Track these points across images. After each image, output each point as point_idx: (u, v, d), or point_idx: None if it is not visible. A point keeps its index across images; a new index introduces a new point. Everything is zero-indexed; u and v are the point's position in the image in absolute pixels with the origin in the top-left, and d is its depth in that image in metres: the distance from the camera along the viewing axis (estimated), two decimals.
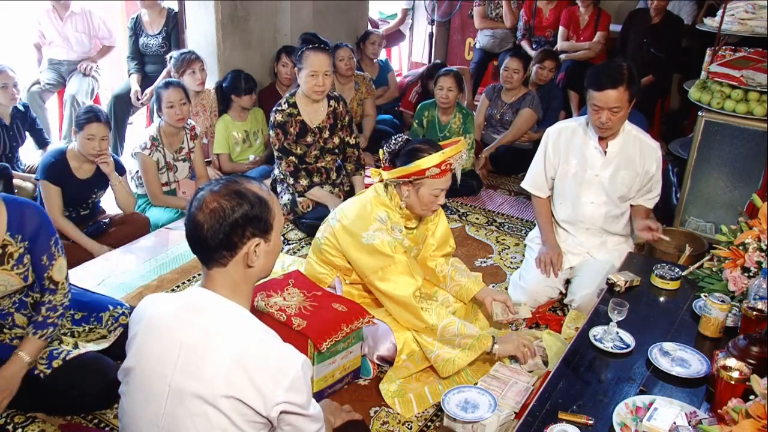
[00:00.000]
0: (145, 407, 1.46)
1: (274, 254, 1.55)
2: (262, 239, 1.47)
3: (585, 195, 2.93)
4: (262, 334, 1.44)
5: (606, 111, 2.68)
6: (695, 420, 1.62)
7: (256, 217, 1.45)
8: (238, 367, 1.37)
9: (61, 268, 2.22)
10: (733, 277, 2.17)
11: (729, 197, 3.51)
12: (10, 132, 3.97)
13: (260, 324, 1.47)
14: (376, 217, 2.49)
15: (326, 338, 2.27)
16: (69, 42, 4.76)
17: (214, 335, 1.41)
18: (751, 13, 3.68)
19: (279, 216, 1.52)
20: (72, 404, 2.26)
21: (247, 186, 1.47)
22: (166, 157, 3.67)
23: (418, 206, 2.48)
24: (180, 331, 1.44)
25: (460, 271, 2.77)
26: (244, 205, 1.43)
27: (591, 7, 5.33)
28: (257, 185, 1.50)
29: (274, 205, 1.50)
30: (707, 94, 3.47)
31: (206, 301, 1.46)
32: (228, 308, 1.45)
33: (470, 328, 2.44)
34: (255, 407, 1.37)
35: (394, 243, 2.45)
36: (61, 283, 2.23)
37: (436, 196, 2.45)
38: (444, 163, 2.37)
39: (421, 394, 2.42)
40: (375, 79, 5.23)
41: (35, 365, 2.19)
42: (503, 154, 4.60)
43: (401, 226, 2.53)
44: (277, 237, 1.53)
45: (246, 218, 1.43)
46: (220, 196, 1.43)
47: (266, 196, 1.48)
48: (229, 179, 1.49)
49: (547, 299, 2.99)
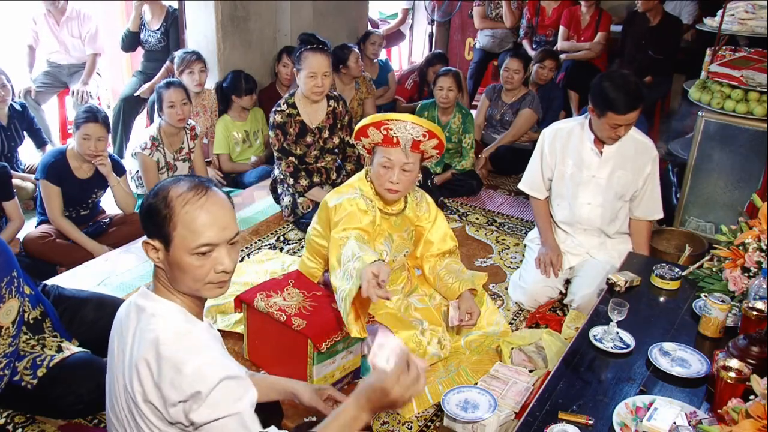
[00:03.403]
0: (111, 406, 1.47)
1: (182, 271, 1.39)
2: (162, 244, 1.39)
3: (582, 196, 2.93)
4: (182, 329, 1.37)
5: (623, 127, 2.73)
6: (695, 420, 1.62)
7: (152, 215, 1.38)
8: (143, 365, 1.33)
9: (9, 311, 1.98)
10: (733, 277, 2.17)
11: (729, 197, 3.50)
12: (8, 132, 3.97)
13: (187, 322, 1.40)
14: (352, 188, 2.48)
15: (326, 338, 2.27)
16: (66, 46, 4.74)
17: (140, 338, 1.37)
18: (751, 13, 3.68)
19: (184, 233, 1.36)
20: (67, 411, 2.20)
21: (173, 186, 1.39)
22: (166, 157, 3.67)
23: (376, 180, 2.44)
24: (121, 335, 1.43)
25: (453, 272, 2.68)
26: (151, 199, 1.39)
27: (593, 7, 5.33)
28: (182, 191, 1.37)
29: (178, 218, 1.36)
30: (707, 94, 3.47)
31: (142, 298, 1.44)
32: (157, 305, 1.41)
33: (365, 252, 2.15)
34: (160, 409, 1.34)
35: (360, 202, 2.41)
36: (5, 328, 1.99)
37: (385, 168, 2.37)
38: (382, 125, 2.32)
39: (420, 393, 2.41)
40: (375, 80, 5.24)
41: (21, 376, 2.12)
42: (503, 154, 4.60)
43: (377, 203, 2.49)
44: (180, 253, 1.37)
45: (145, 212, 1.40)
46: (164, 183, 1.42)
47: (176, 205, 1.36)
48: (184, 176, 1.45)
49: (547, 299, 3.00)
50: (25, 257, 3.19)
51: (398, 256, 2.61)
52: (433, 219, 2.69)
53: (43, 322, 2.27)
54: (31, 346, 2.20)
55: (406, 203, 2.59)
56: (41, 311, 2.27)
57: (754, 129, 3.34)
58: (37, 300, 2.27)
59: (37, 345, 2.22)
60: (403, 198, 2.57)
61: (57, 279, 3.03)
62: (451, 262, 2.74)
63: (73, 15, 4.71)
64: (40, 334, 2.25)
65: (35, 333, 2.24)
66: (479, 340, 2.70)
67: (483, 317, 2.77)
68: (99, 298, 2.59)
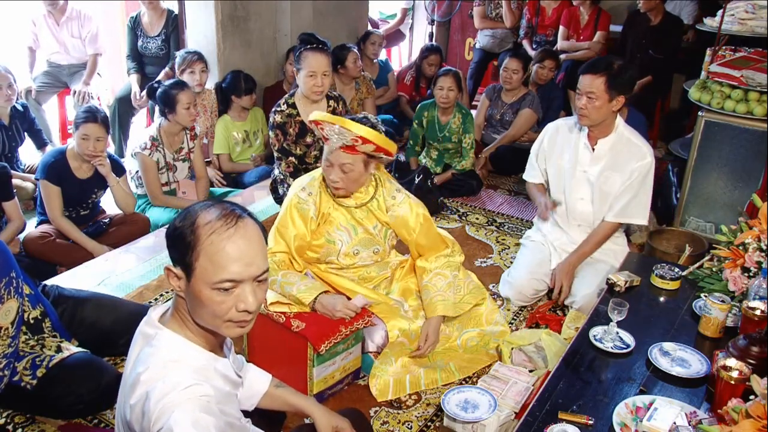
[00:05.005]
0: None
1: (201, 306, 1.29)
2: (184, 273, 1.29)
3: (576, 191, 2.94)
4: (175, 377, 1.26)
5: (584, 96, 2.72)
6: (695, 420, 1.62)
7: (176, 241, 1.29)
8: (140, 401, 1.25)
9: (8, 312, 1.99)
10: (733, 277, 2.17)
11: (729, 197, 3.50)
12: (9, 132, 3.97)
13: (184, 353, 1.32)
14: (300, 186, 2.50)
15: (325, 340, 2.27)
16: (66, 47, 4.73)
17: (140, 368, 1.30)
18: (751, 13, 3.68)
19: (206, 264, 1.26)
20: (67, 411, 2.19)
21: (203, 212, 1.29)
22: (166, 157, 3.67)
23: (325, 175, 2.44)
24: (132, 355, 1.37)
25: (436, 289, 2.56)
26: (179, 223, 1.30)
27: (591, 7, 5.33)
28: (210, 219, 1.27)
29: (202, 249, 1.26)
30: (707, 94, 3.47)
31: (149, 327, 1.36)
32: (161, 336, 1.33)
33: (299, 289, 2.37)
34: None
35: (297, 197, 2.46)
36: (4, 328, 2.00)
37: (327, 166, 2.38)
38: (318, 124, 2.34)
39: (401, 380, 2.44)
40: (375, 80, 5.24)
41: (20, 376, 2.11)
42: (503, 154, 4.60)
43: (325, 198, 2.48)
44: (200, 286, 1.27)
45: (170, 236, 1.31)
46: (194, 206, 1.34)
47: (201, 233, 1.26)
48: (219, 202, 1.33)
49: (534, 292, 3.00)
50: (25, 257, 3.19)
51: (364, 252, 2.54)
52: (416, 220, 2.55)
53: (43, 322, 2.27)
54: (31, 347, 2.20)
55: (374, 197, 2.51)
56: (41, 311, 2.27)
57: (754, 129, 3.34)
58: (36, 300, 2.27)
59: (37, 345, 2.22)
60: (370, 191, 2.51)
61: (57, 279, 3.04)
62: (440, 272, 2.59)
63: (73, 15, 4.70)
64: (40, 334, 2.25)
65: (35, 333, 2.24)
66: (476, 338, 2.70)
67: (482, 316, 2.78)
68: (99, 298, 2.59)
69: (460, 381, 2.50)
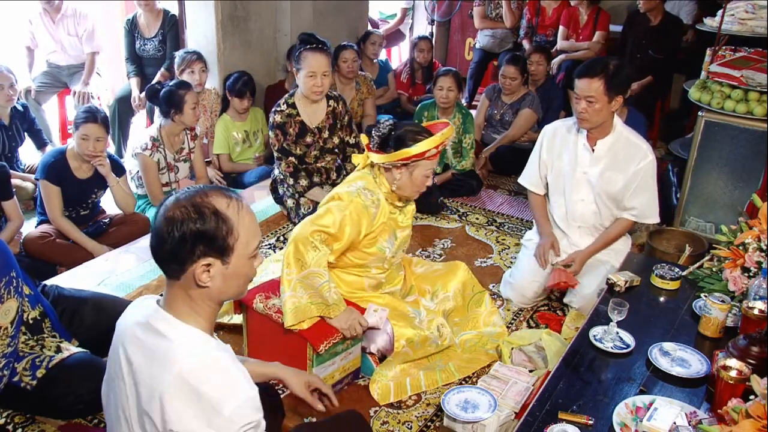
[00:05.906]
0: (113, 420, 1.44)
1: (238, 278, 1.39)
2: (218, 260, 1.34)
3: (576, 192, 2.93)
4: (209, 361, 1.32)
5: (583, 100, 2.70)
6: (695, 420, 1.62)
7: (208, 235, 1.31)
8: (174, 397, 1.27)
9: (8, 311, 1.98)
10: (733, 277, 2.17)
11: (729, 197, 3.50)
12: (9, 132, 3.97)
13: (212, 351, 1.35)
14: (361, 187, 2.45)
15: (324, 340, 2.27)
16: (63, 46, 4.71)
17: (158, 360, 1.32)
18: (751, 13, 3.68)
19: (246, 238, 1.36)
20: (67, 411, 2.19)
21: (210, 200, 1.33)
22: (166, 157, 3.67)
23: (409, 188, 2.46)
24: (130, 348, 1.37)
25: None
26: (197, 220, 1.30)
27: (590, 7, 5.34)
28: (225, 201, 1.34)
29: (240, 226, 1.35)
30: (707, 94, 3.47)
31: (159, 321, 1.37)
32: (178, 331, 1.35)
33: (331, 294, 2.33)
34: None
35: (361, 199, 2.41)
36: (3, 328, 1.99)
37: (427, 177, 2.45)
38: (441, 144, 2.40)
39: (401, 383, 2.44)
40: (375, 80, 5.23)
41: (20, 377, 2.11)
42: (503, 154, 4.60)
43: (385, 207, 2.49)
44: (241, 261, 1.37)
45: (195, 234, 1.30)
46: (179, 206, 1.31)
47: (231, 215, 1.33)
48: (200, 189, 1.36)
49: (535, 294, 3.01)
50: (25, 257, 3.19)
51: (398, 253, 2.62)
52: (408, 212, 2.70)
53: (42, 322, 2.27)
54: (30, 347, 2.20)
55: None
56: (40, 311, 2.27)
57: (754, 129, 3.34)
58: (36, 300, 2.27)
59: (36, 346, 2.21)
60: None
61: (57, 279, 3.04)
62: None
63: (68, 13, 4.66)
64: (39, 334, 2.25)
65: (34, 333, 2.23)
66: (473, 340, 2.71)
67: (480, 318, 2.79)
68: (99, 298, 2.59)
69: (459, 381, 2.50)
